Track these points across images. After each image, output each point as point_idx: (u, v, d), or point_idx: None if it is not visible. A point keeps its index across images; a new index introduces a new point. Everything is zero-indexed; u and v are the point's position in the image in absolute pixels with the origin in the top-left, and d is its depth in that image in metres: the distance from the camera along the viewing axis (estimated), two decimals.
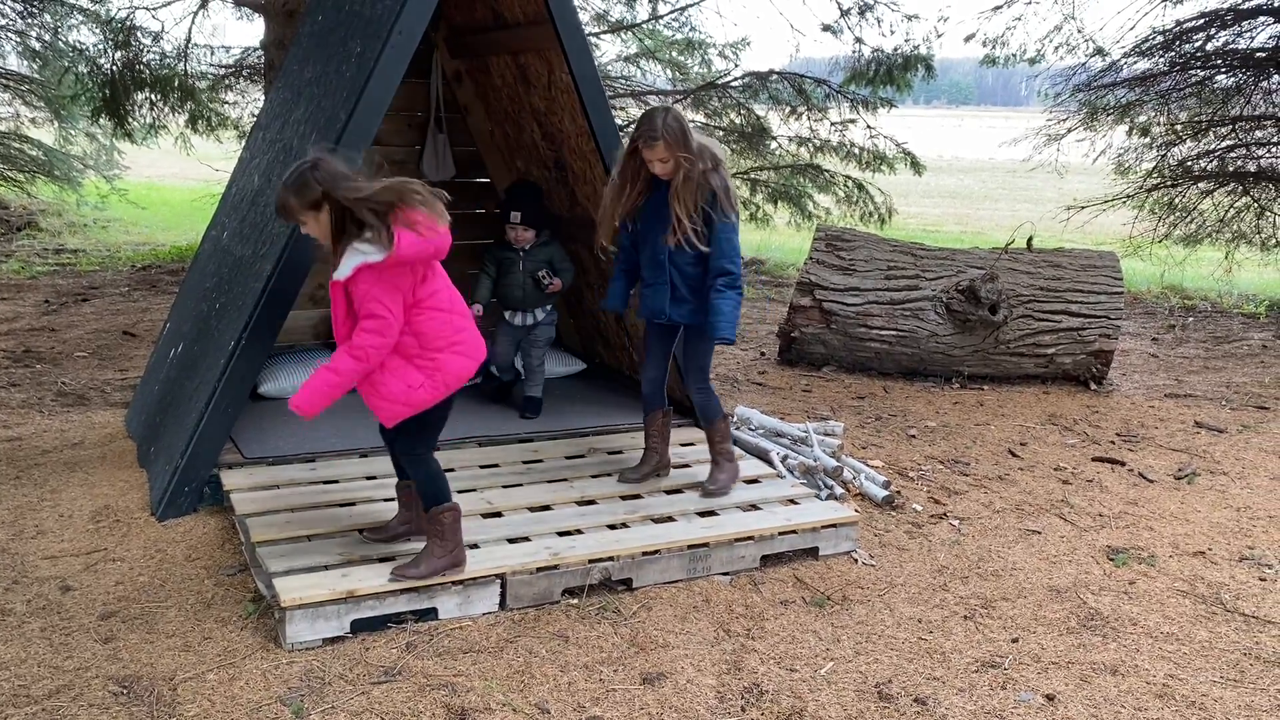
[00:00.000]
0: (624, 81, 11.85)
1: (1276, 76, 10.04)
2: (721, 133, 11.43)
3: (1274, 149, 10.39)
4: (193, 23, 10.56)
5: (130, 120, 10.61)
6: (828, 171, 11.28)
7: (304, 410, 3.28)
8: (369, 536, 3.71)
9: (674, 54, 11.80)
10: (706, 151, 4.01)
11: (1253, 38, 10.00)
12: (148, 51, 10.56)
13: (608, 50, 12.12)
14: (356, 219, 3.19)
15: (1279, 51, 9.68)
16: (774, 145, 11.39)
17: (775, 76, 11.08)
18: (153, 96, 10.70)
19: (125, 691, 2.98)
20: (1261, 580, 4.06)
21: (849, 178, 11.25)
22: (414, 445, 3.54)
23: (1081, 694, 3.19)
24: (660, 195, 4.10)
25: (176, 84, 10.64)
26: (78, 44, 11.21)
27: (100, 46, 10.61)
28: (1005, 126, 13.89)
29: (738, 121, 11.29)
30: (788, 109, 11.13)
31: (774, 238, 13.00)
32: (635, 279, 4.37)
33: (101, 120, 10.96)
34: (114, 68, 10.32)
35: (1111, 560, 4.21)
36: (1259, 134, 10.43)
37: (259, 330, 4.11)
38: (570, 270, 5.10)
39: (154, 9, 10.66)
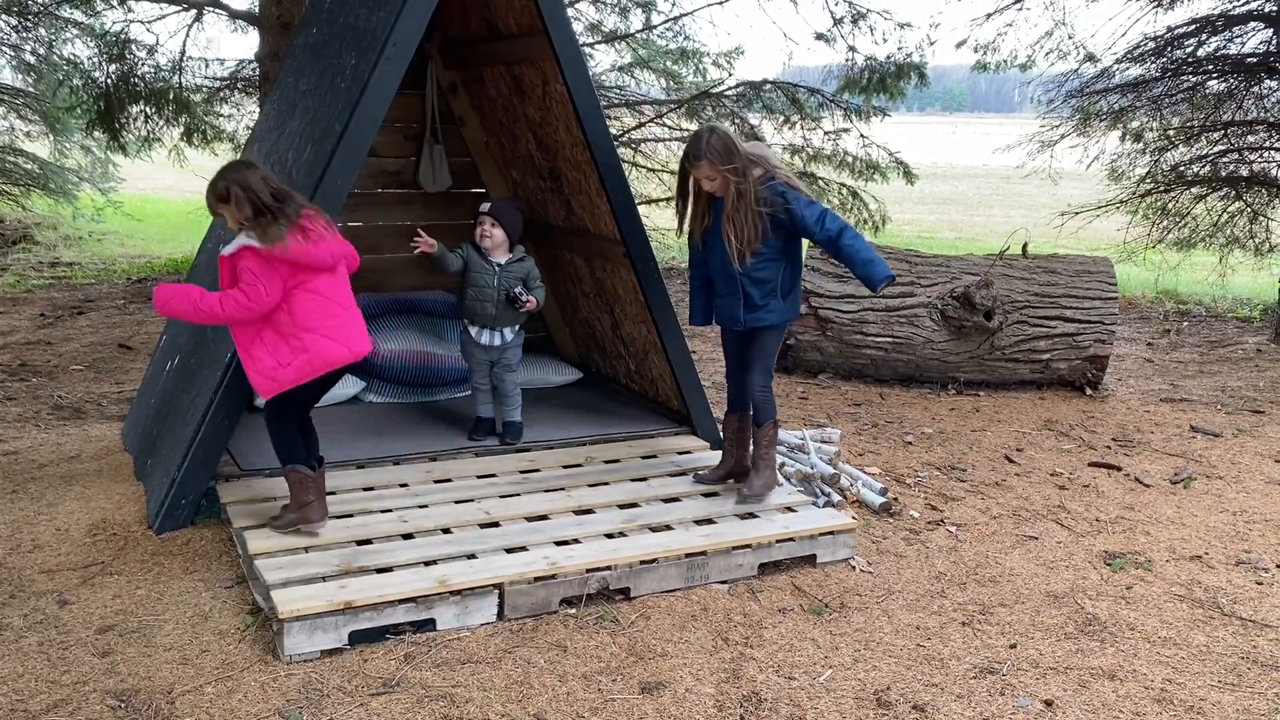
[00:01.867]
0: (619, 91, 11.88)
1: (1268, 81, 10.08)
2: None
3: (1266, 153, 10.43)
4: (187, 36, 10.57)
5: (125, 133, 10.61)
6: (822, 180, 11.31)
7: (158, 298, 3.66)
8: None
9: (668, 63, 11.83)
10: (761, 161, 4.06)
11: (1244, 43, 10.04)
12: (142, 64, 10.57)
13: (602, 60, 12.18)
14: (254, 213, 3.59)
15: (1270, 56, 9.72)
16: None
17: (769, 85, 11.12)
18: (147, 109, 10.69)
19: (123, 705, 2.98)
20: (1258, 584, 4.07)
21: (844, 185, 11.28)
22: (272, 413, 3.85)
23: (1080, 699, 3.20)
24: (717, 216, 4.12)
25: (171, 97, 10.64)
26: (72, 57, 11.22)
27: (95, 60, 10.62)
28: (999, 133, 13.95)
29: (732, 131, 11.31)
30: (781, 118, 11.16)
31: None
32: (711, 291, 4.34)
33: (96, 133, 10.95)
34: (108, 81, 10.32)
35: (1109, 565, 4.21)
36: (1251, 139, 10.46)
37: None
38: (543, 289, 4.82)
39: (148, 22, 10.68)
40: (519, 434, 4.88)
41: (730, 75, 11.88)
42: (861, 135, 11.16)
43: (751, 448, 4.38)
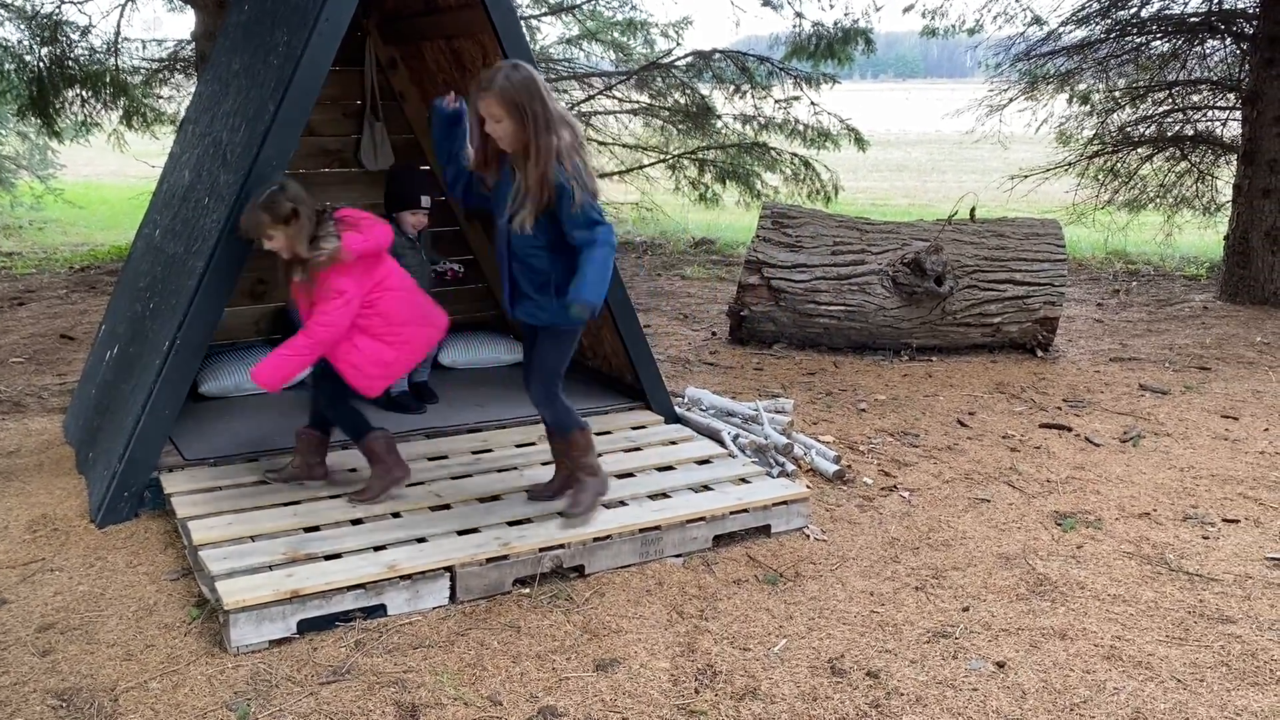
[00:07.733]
0: (567, 64, 11.75)
1: (1211, 41, 10.18)
2: (667, 113, 11.40)
3: (1209, 113, 10.55)
4: (121, 15, 10.31)
5: (59, 119, 10.33)
6: (774, 149, 11.29)
7: (262, 380, 3.70)
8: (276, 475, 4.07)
9: (616, 35, 11.73)
10: (573, 131, 3.42)
11: (1186, 3, 10.13)
12: (76, 46, 10.28)
13: (549, 33, 12.10)
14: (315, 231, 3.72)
15: (1211, 15, 9.80)
16: (719, 124, 11.39)
17: (718, 55, 11.06)
18: (83, 93, 10.42)
19: (64, 705, 2.91)
20: (1205, 539, 4.13)
21: (795, 155, 11.27)
22: (339, 397, 3.95)
23: (1031, 659, 3.22)
24: (506, 175, 3.51)
25: (108, 79, 10.37)
26: (3, 40, 10.89)
27: (25, 42, 10.31)
28: (951, 98, 13.97)
29: (682, 101, 11.27)
30: (732, 87, 11.12)
31: (724, 217, 13.00)
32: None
33: (30, 118, 10.66)
34: (40, 64, 10.03)
35: (1059, 525, 4.25)
36: (1195, 98, 10.59)
37: (194, 329, 4.02)
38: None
39: (80, 2, 10.38)
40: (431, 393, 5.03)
41: (679, 45, 11.81)
42: (812, 103, 11.15)
43: (568, 461, 3.93)
